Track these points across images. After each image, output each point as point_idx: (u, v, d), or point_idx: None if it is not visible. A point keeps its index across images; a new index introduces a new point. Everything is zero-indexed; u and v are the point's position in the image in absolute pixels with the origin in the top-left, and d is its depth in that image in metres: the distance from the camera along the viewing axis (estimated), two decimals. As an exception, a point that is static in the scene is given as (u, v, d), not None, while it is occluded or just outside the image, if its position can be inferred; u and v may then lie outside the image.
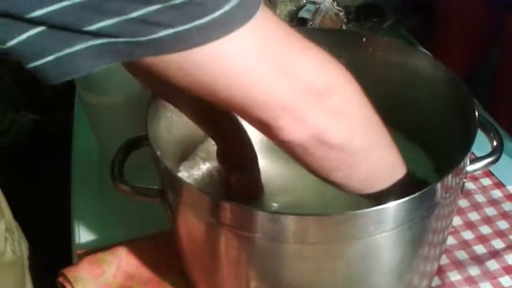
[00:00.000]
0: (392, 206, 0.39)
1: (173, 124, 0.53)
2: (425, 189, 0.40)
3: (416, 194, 0.39)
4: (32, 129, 1.12)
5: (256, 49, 0.32)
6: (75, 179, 0.69)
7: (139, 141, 0.50)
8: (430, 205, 0.42)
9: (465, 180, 0.46)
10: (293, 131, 0.34)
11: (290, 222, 0.39)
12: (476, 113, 0.45)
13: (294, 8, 0.94)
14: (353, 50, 0.58)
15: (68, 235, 0.63)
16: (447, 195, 0.43)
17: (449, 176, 0.41)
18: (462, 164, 0.43)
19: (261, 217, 0.39)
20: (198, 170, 0.56)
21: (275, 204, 0.52)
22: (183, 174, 0.56)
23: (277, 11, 0.91)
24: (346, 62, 0.59)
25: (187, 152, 0.58)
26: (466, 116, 0.47)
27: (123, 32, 0.28)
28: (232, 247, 0.43)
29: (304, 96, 0.34)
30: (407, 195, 0.38)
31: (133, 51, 0.29)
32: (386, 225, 0.40)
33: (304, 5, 0.94)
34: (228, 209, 0.40)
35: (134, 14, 0.28)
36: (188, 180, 0.54)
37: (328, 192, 0.53)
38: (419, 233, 0.43)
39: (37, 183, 1.02)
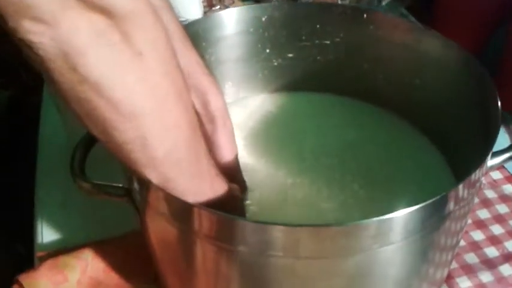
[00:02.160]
0: (401, 216, 0.32)
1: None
2: (438, 196, 0.33)
3: (428, 201, 0.33)
4: (5, 107, 1.06)
5: None
6: (40, 171, 0.62)
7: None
8: (444, 213, 0.35)
9: (483, 179, 0.40)
10: (37, 31, 0.27)
11: (279, 234, 0.32)
12: (499, 102, 0.39)
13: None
14: (351, 27, 0.52)
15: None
16: (464, 199, 0.36)
17: (468, 180, 0.35)
18: (482, 164, 0.36)
19: (243, 227, 0.33)
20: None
21: (249, 202, 0.46)
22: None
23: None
24: (342, 41, 0.54)
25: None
26: (485, 104, 0.41)
27: None
28: (210, 259, 0.36)
29: None
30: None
31: None
32: (393, 237, 0.33)
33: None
34: (203, 217, 0.34)
35: None
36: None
37: (312, 190, 0.47)
38: (431, 243, 0.37)
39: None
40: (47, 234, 0.54)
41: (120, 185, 0.40)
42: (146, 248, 0.44)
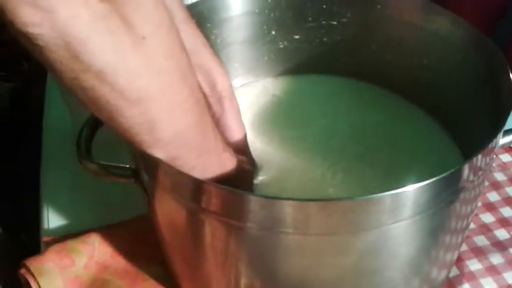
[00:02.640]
0: (411, 190, 0.32)
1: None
2: (452, 170, 0.33)
3: (441, 175, 0.32)
4: (8, 99, 1.05)
5: None
6: (45, 156, 0.62)
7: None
8: (456, 189, 0.34)
9: (495, 157, 0.39)
10: (34, 19, 0.25)
11: (288, 209, 0.32)
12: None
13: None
14: (358, 6, 0.51)
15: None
16: (475, 177, 0.36)
17: (479, 156, 0.34)
18: (494, 140, 0.35)
19: (252, 202, 0.32)
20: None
21: (255, 182, 0.45)
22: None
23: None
24: (349, 21, 0.53)
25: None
26: (496, 81, 0.40)
27: None
28: (219, 238, 0.36)
29: None
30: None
31: None
32: (404, 213, 0.33)
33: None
34: (212, 193, 0.33)
35: None
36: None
37: (319, 172, 0.47)
38: (442, 221, 0.36)
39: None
40: (53, 219, 0.54)
41: (127, 166, 0.40)
42: (154, 231, 0.44)
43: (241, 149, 0.44)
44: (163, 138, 0.33)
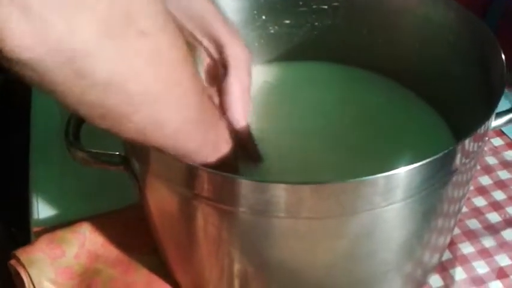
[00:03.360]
0: (404, 172, 0.32)
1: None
2: (445, 151, 0.32)
3: (434, 157, 0.32)
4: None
5: None
6: (34, 147, 0.61)
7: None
8: (449, 171, 0.34)
9: (487, 139, 0.39)
10: (28, 38, 0.21)
11: (280, 193, 0.31)
12: (504, 59, 0.38)
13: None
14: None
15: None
16: (467, 160, 0.35)
17: (472, 138, 0.34)
18: (487, 122, 0.35)
19: (244, 186, 0.32)
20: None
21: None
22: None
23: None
24: (340, 5, 0.53)
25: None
26: (488, 63, 0.40)
27: None
28: (211, 223, 0.36)
29: None
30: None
31: None
32: (397, 195, 0.33)
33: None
34: (205, 178, 0.33)
35: None
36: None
37: (313, 157, 0.46)
38: (435, 203, 0.36)
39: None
40: (42, 209, 0.53)
41: (117, 153, 0.40)
42: (145, 220, 0.44)
43: (243, 137, 0.42)
44: (166, 134, 0.31)
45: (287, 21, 0.53)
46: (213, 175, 0.32)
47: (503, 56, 0.38)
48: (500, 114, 0.40)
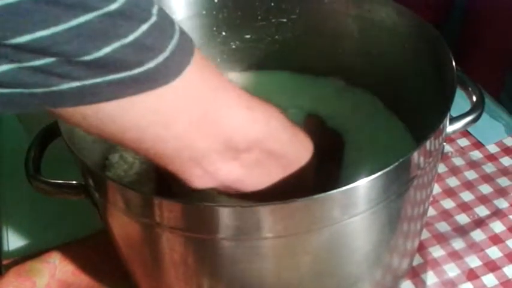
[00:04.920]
0: (363, 185, 0.32)
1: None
2: (401, 160, 0.33)
3: (391, 166, 0.32)
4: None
5: (177, 106, 0.27)
6: (3, 174, 0.60)
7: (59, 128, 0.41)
8: (407, 178, 0.35)
9: (445, 143, 0.39)
10: (203, 181, 0.31)
11: (237, 216, 0.31)
12: (454, 64, 0.38)
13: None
14: (306, 2, 0.51)
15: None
16: (426, 164, 0.36)
17: (428, 142, 0.34)
18: (441, 126, 0.36)
19: (195, 212, 0.32)
20: (125, 162, 0.48)
21: None
22: (111, 163, 0.48)
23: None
24: (298, 18, 0.53)
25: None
26: (441, 68, 0.40)
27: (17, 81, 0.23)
28: (174, 250, 0.35)
29: (220, 153, 0.30)
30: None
31: (29, 103, 0.24)
32: (356, 208, 0.33)
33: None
34: (161, 207, 0.32)
35: (32, 63, 0.23)
36: (115, 175, 0.47)
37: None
38: (397, 211, 0.36)
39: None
40: (12, 241, 0.53)
41: (77, 182, 0.39)
42: (112, 246, 0.43)
43: None
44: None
45: (247, 36, 0.53)
46: (168, 203, 0.32)
47: (453, 61, 0.38)
48: (457, 118, 0.41)
